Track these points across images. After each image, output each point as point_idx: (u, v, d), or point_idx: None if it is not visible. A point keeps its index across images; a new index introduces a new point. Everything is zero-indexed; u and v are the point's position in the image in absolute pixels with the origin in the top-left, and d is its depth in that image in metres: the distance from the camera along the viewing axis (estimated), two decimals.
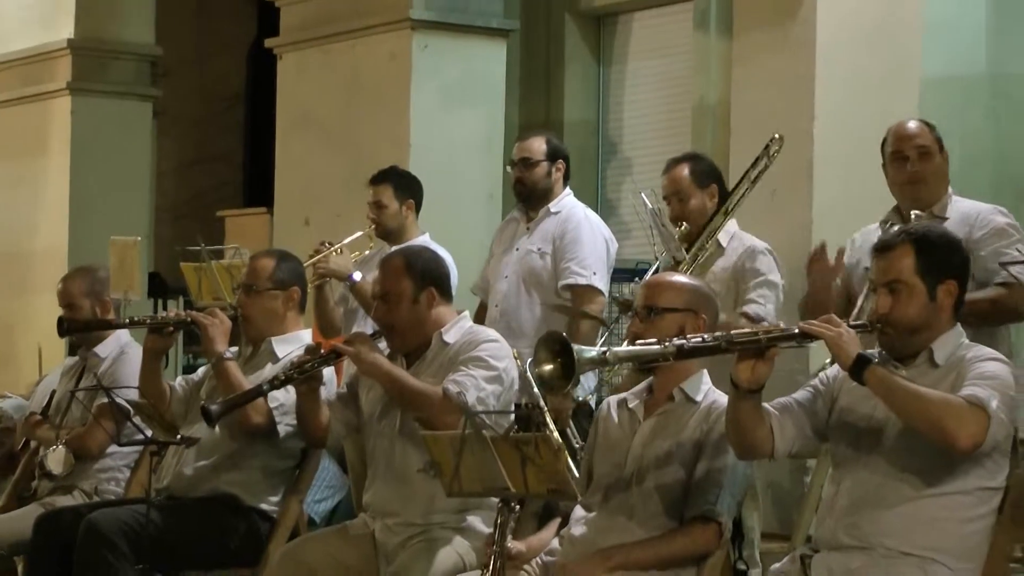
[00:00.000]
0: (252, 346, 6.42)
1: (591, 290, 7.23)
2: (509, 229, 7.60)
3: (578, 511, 5.17)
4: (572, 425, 5.62)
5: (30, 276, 11.56)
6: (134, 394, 6.37)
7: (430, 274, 5.82)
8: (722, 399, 4.98)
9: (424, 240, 7.56)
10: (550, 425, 4.58)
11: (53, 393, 7.42)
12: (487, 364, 5.66)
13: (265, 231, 10.99)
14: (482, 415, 4.73)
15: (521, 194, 7.43)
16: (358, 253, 7.83)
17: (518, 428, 4.68)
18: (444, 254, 6.48)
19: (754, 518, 6.44)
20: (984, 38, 8.35)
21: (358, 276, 7.58)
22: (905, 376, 4.63)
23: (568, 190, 7.46)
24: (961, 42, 8.26)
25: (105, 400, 6.51)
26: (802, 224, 7.12)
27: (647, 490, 5.05)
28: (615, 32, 10.25)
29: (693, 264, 6.46)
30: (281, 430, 6.14)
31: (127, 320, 6.82)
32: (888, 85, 7.21)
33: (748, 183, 6.52)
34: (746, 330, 4.75)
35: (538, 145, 7.42)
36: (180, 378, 6.63)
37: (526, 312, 7.32)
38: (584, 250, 7.26)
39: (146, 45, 11.77)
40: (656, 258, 6.74)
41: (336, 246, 7.69)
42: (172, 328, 6.41)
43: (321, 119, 9.50)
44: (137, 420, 6.24)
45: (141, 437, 6.06)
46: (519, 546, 5.20)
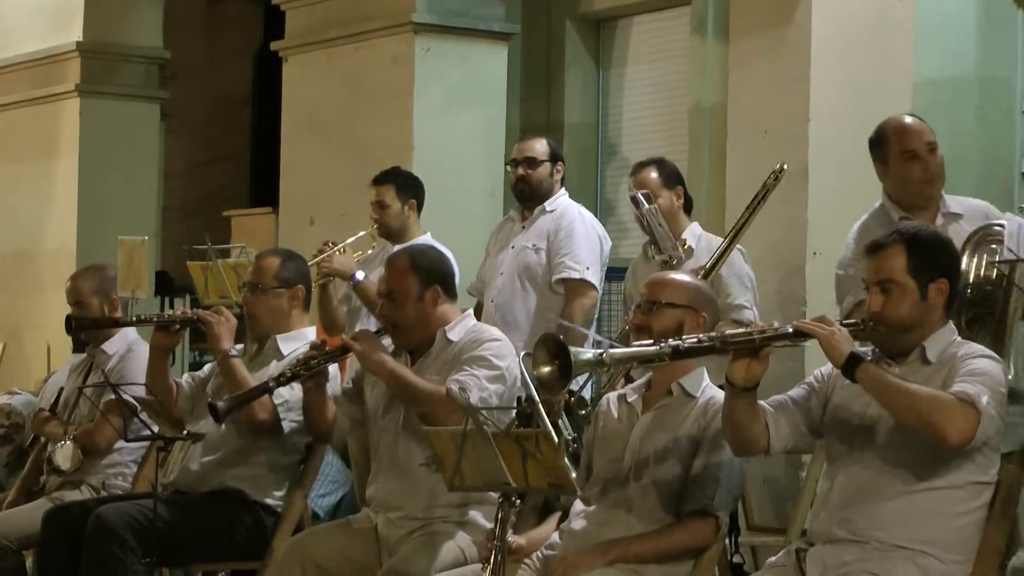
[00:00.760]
0: (257, 344, 6.44)
1: (584, 284, 7.27)
2: (505, 229, 7.65)
3: (577, 505, 5.20)
4: (564, 417, 5.67)
5: (40, 275, 11.52)
6: (141, 391, 6.39)
7: (435, 272, 5.85)
8: (720, 395, 4.99)
9: (426, 239, 7.58)
10: (543, 416, 4.61)
11: (61, 390, 7.45)
12: (490, 364, 5.69)
13: (271, 230, 11.00)
14: (483, 413, 4.70)
15: (523, 192, 7.47)
16: (361, 252, 7.87)
17: (519, 424, 4.70)
18: (446, 253, 6.54)
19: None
20: (973, 41, 8.39)
21: (361, 275, 7.63)
22: (898, 373, 4.67)
23: (564, 190, 7.52)
24: (951, 45, 8.29)
25: (113, 396, 6.55)
26: (797, 224, 7.15)
27: (645, 484, 5.08)
28: (614, 36, 10.24)
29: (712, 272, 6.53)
30: (286, 426, 6.16)
31: (134, 318, 6.79)
32: (881, 87, 7.22)
33: (751, 210, 6.48)
34: (741, 330, 4.77)
35: (541, 146, 7.49)
36: (187, 375, 6.64)
37: (520, 306, 7.36)
38: (578, 245, 7.30)
39: (155, 48, 11.73)
40: (651, 257, 6.81)
41: (339, 246, 7.73)
42: (179, 326, 6.43)
43: (326, 121, 9.47)
44: (144, 416, 6.30)
45: (148, 433, 6.10)
46: (520, 540, 5.24)
